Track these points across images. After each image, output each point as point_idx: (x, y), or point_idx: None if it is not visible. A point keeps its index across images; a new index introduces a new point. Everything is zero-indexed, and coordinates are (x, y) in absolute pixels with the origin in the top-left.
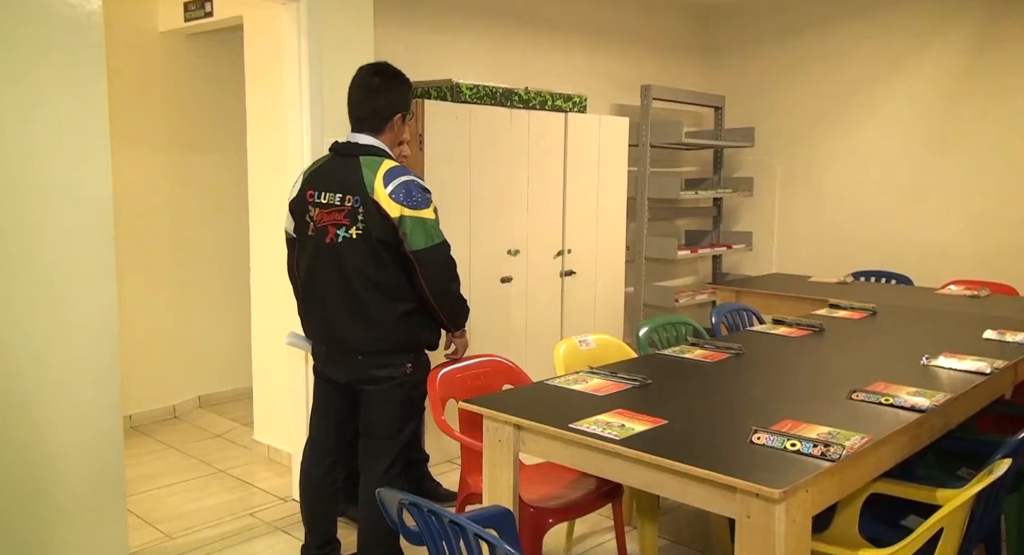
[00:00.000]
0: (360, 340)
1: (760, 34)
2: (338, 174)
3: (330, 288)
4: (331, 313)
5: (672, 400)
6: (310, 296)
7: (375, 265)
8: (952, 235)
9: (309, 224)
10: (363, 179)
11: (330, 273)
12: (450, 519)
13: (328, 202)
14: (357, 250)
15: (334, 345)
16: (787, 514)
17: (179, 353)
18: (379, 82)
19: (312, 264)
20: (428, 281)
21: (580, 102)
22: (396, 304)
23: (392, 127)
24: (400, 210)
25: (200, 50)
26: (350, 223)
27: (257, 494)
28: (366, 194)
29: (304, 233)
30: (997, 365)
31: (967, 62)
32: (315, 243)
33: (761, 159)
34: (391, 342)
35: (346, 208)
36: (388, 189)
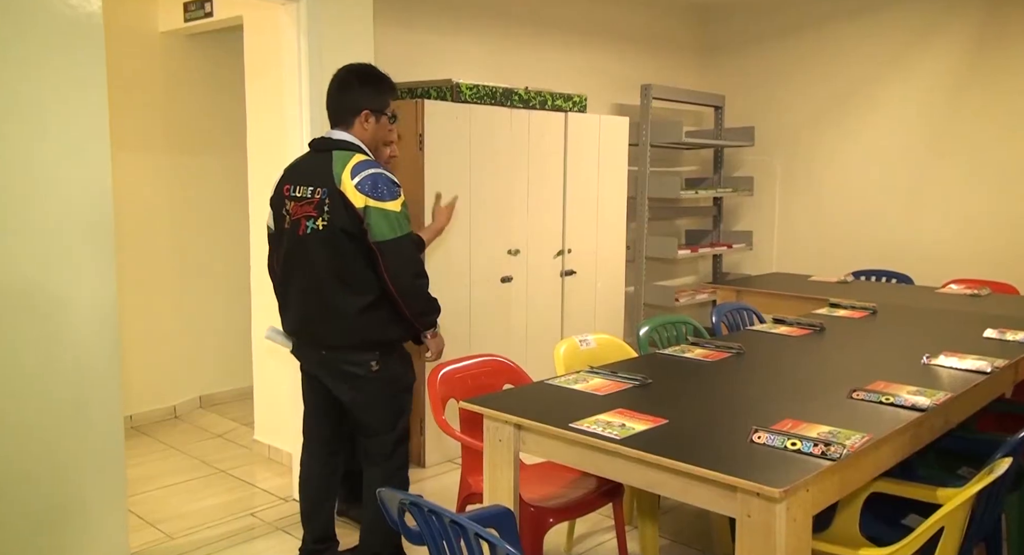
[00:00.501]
0: (324, 333)
1: (760, 33)
2: (311, 168)
3: (300, 280)
4: (300, 305)
5: (673, 400)
6: (285, 289)
7: (338, 256)
8: (953, 234)
9: (285, 217)
10: (332, 171)
11: (300, 265)
12: (451, 519)
13: (301, 195)
14: (322, 241)
15: (304, 338)
16: (788, 513)
17: (180, 353)
18: (347, 79)
19: (287, 257)
20: (391, 273)
21: (580, 102)
22: (358, 297)
23: (361, 123)
24: (365, 201)
25: (200, 50)
26: (317, 214)
27: (258, 494)
28: (333, 185)
29: (281, 227)
30: (997, 364)
31: (967, 61)
32: (289, 236)
33: (761, 158)
34: (355, 337)
35: (315, 200)
36: (355, 180)
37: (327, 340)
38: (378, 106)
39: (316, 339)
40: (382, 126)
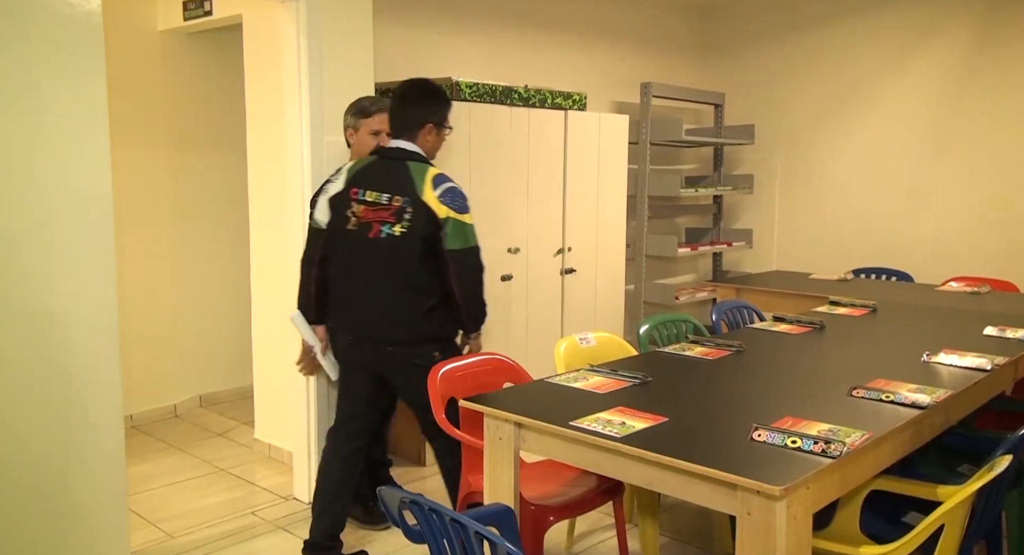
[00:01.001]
0: (390, 331)
1: (760, 32)
2: (385, 175)
3: (367, 280)
4: (365, 304)
5: (673, 398)
6: (345, 287)
7: (414, 261)
8: (952, 232)
9: (350, 219)
10: (413, 182)
11: (369, 266)
12: (451, 517)
13: (374, 200)
14: (399, 246)
15: (363, 335)
16: (788, 511)
17: (180, 352)
18: (411, 93)
19: (350, 257)
20: (457, 279)
21: (580, 100)
22: (425, 299)
23: (424, 135)
24: (447, 212)
25: (199, 49)
26: (395, 221)
27: (258, 493)
28: (416, 195)
29: (342, 227)
30: (998, 361)
31: (967, 60)
32: (356, 237)
33: (761, 156)
34: (421, 333)
35: (393, 207)
36: (437, 192)
37: (395, 337)
38: (439, 119)
39: (381, 336)
40: (440, 138)
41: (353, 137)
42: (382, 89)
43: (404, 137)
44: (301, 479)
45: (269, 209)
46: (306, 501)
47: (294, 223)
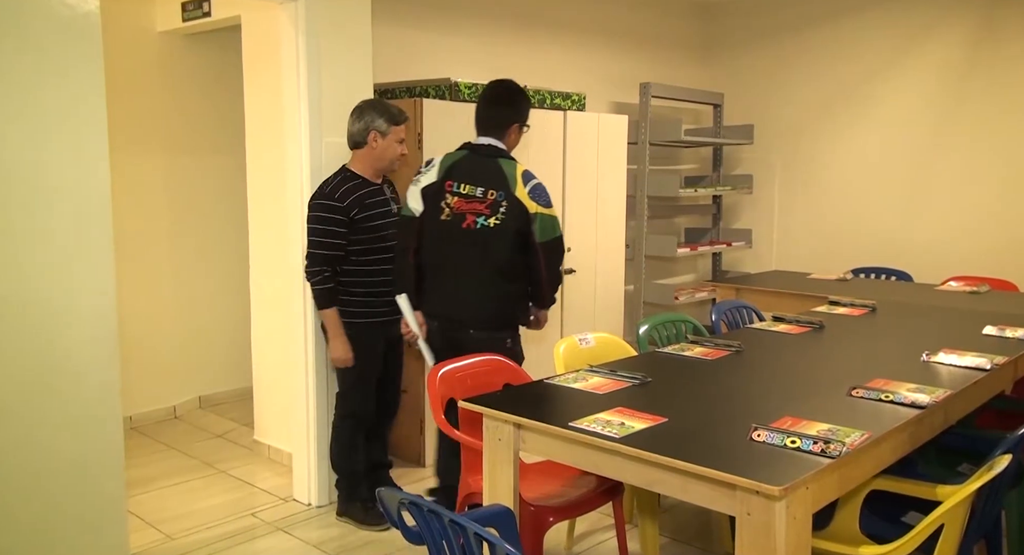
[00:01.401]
0: (474, 315)
1: (758, 31)
2: (480, 170)
3: (459, 269)
4: (456, 291)
5: (672, 398)
6: (439, 273)
7: (506, 250)
8: (952, 231)
9: (444, 209)
10: (506, 178)
11: (463, 254)
12: (450, 518)
13: (468, 193)
14: (493, 236)
15: (453, 320)
16: (787, 511)
17: (179, 354)
18: (502, 94)
19: (444, 245)
20: (546, 266)
21: (579, 100)
22: (511, 284)
23: (511, 134)
24: (536, 207)
25: (198, 50)
26: (490, 213)
27: (258, 494)
28: (509, 191)
29: (436, 217)
30: (997, 361)
31: (966, 59)
32: (449, 227)
33: (760, 156)
34: (500, 319)
35: (488, 200)
36: (527, 188)
37: (478, 320)
38: (523, 119)
39: (465, 320)
40: (522, 135)
41: (378, 140)
42: (381, 90)
43: (492, 135)
44: (301, 480)
45: (268, 210)
46: (306, 502)
47: (293, 224)
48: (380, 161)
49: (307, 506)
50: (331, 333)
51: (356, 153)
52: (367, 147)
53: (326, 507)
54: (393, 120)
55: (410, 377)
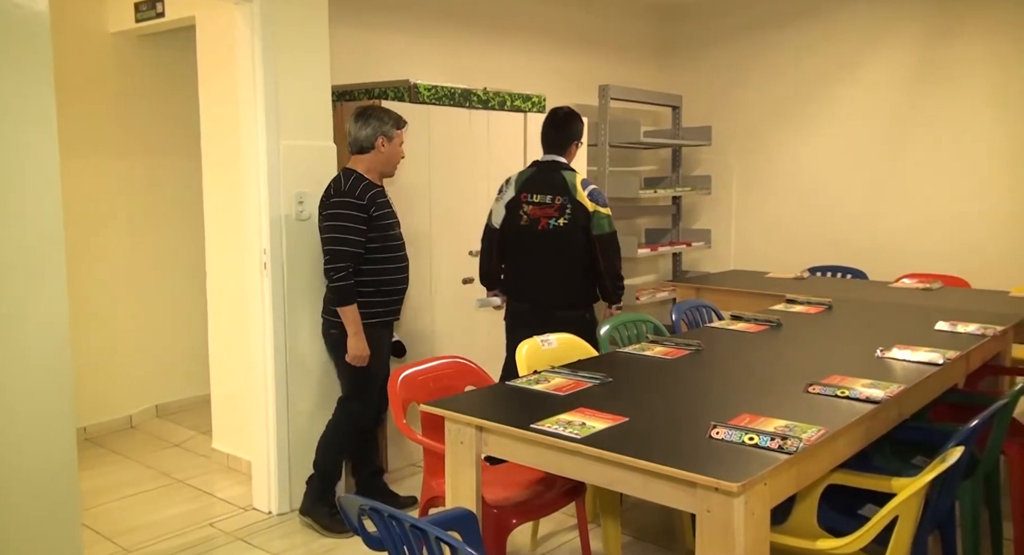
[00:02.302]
0: (557, 297)
1: (716, 34)
2: (547, 182)
3: (539, 261)
4: (537, 279)
5: (633, 397)
6: (521, 267)
7: (571, 245)
8: (905, 230)
9: (523, 216)
10: (567, 186)
11: (541, 250)
12: (411, 523)
13: (540, 201)
14: (563, 234)
15: (539, 303)
16: (746, 507)
17: (135, 362)
18: (565, 119)
19: (527, 245)
20: (603, 257)
21: (539, 102)
22: (578, 273)
23: (571, 150)
24: (594, 207)
25: (152, 51)
26: (559, 215)
27: (217, 504)
28: (572, 196)
29: (517, 223)
30: (949, 356)
31: (918, 61)
32: (529, 229)
33: (718, 157)
34: (576, 298)
35: (556, 205)
36: (585, 192)
37: (558, 302)
38: (580, 137)
39: (549, 302)
40: (578, 149)
41: (385, 145)
42: (339, 91)
43: (556, 152)
44: (260, 489)
45: (225, 214)
46: (266, 511)
47: (251, 229)
48: (386, 164)
49: (267, 515)
50: (351, 330)
51: (360, 157)
52: (374, 151)
53: (287, 515)
54: (397, 125)
55: None
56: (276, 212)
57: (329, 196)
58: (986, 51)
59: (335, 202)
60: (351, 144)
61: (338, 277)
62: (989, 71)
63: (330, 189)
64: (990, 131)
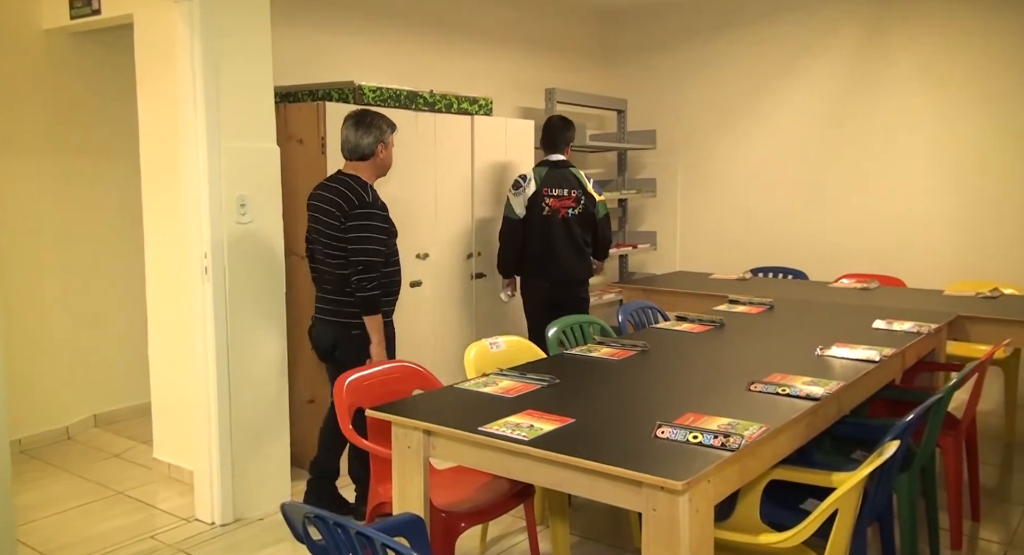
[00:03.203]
0: (577, 272)
1: (658, 40)
2: (561, 178)
3: (559, 245)
4: (557, 259)
5: (580, 399)
6: (546, 250)
7: (583, 228)
8: (844, 232)
9: (544, 208)
10: (580, 181)
11: (562, 235)
12: (357, 530)
13: (559, 195)
14: (578, 221)
15: (561, 280)
16: (690, 504)
17: (72, 370)
18: (560, 123)
19: (548, 232)
20: (602, 232)
21: (486, 105)
22: (587, 250)
23: (568, 150)
24: (598, 197)
25: (88, 49)
26: (575, 206)
27: (159, 515)
28: (584, 189)
29: (539, 214)
30: (886, 353)
31: (852, 69)
32: (550, 219)
33: (663, 161)
34: (585, 274)
35: (572, 197)
36: (590, 184)
37: (575, 277)
38: (573, 139)
39: (572, 277)
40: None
41: (384, 151)
42: (282, 92)
43: (559, 152)
44: (203, 499)
45: (165, 218)
46: (209, 521)
47: (191, 233)
48: (382, 169)
49: (210, 525)
50: (375, 339)
51: (362, 164)
52: (375, 157)
53: (230, 525)
54: (392, 130)
55: (316, 387)
56: (217, 216)
57: (354, 206)
58: (916, 58)
59: (365, 213)
60: (351, 150)
61: (371, 286)
62: (920, 77)
63: (351, 198)
64: (922, 135)
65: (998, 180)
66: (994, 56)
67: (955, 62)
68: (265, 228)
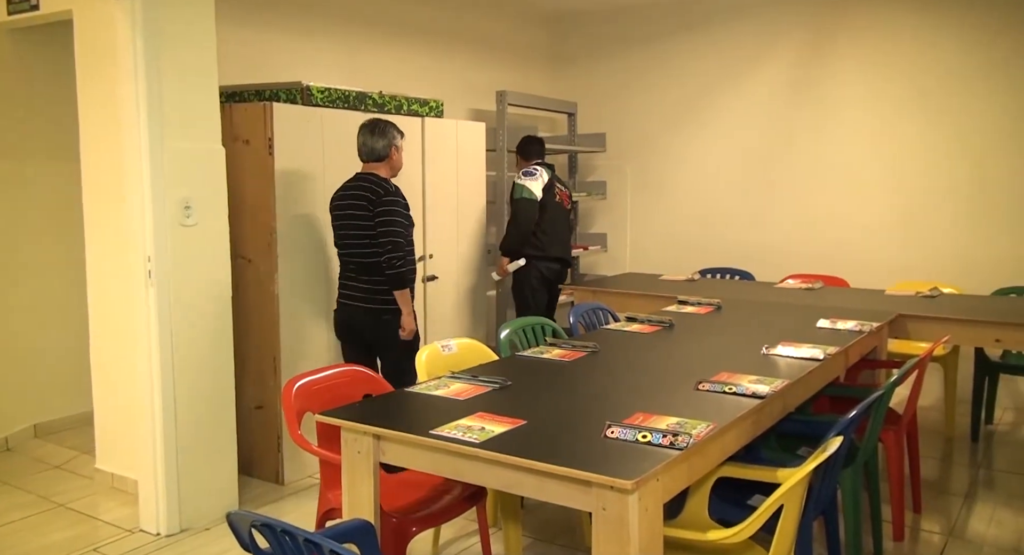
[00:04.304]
0: (568, 253)
1: (608, 44)
2: (556, 176)
3: (567, 228)
4: (567, 241)
5: (531, 400)
6: (556, 233)
7: (572, 214)
8: (789, 233)
9: (556, 195)
10: (563, 179)
11: (565, 221)
12: (305, 538)
13: (560, 188)
14: (571, 210)
15: (565, 257)
16: (640, 503)
17: (9, 379)
18: (538, 138)
19: (559, 216)
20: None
21: (437, 107)
22: None
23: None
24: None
25: (26, 46)
26: (570, 196)
27: (102, 527)
28: (567, 184)
29: (552, 201)
30: (830, 351)
31: (798, 73)
32: (560, 205)
33: (613, 164)
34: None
35: (567, 192)
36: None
37: (568, 258)
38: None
39: (566, 258)
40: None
41: (395, 154)
42: (228, 92)
43: (541, 159)
44: (148, 509)
45: (107, 221)
46: (154, 532)
47: (135, 236)
48: (395, 169)
49: (155, 536)
50: (406, 310)
51: (377, 164)
52: (389, 159)
53: (176, 536)
54: (401, 136)
55: (266, 392)
56: (161, 218)
57: (380, 196)
58: (859, 64)
59: (390, 200)
60: (368, 153)
61: (400, 263)
62: (862, 82)
63: (377, 190)
64: (864, 139)
65: (937, 182)
66: (934, 61)
67: (896, 68)
68: (211, 230)
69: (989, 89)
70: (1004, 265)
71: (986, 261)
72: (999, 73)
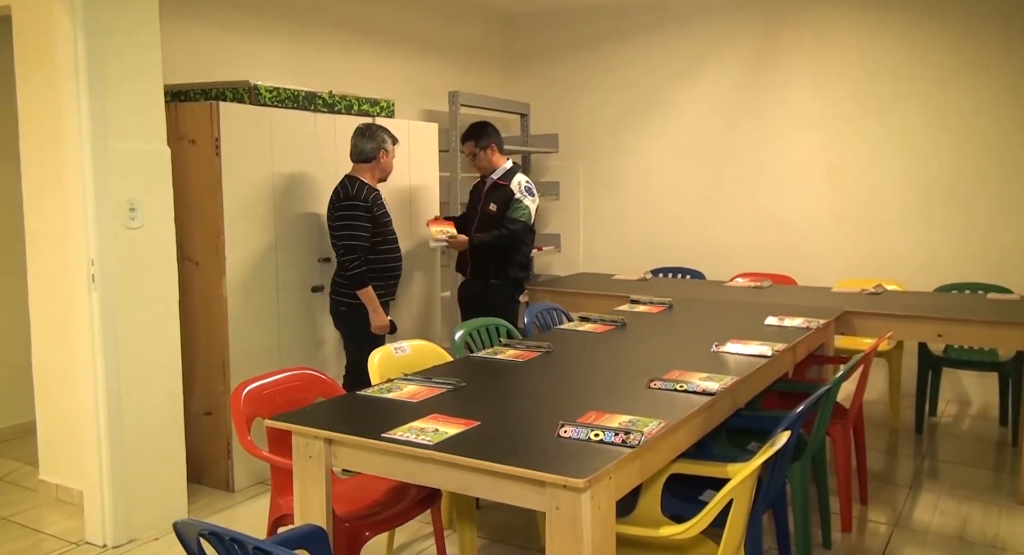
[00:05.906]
0: None
1: (559, 44)
2: None
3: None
4: None
5: (485, 401)
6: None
7: None
8: (738, 233)
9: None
10: None
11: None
12: (254, 546)
13: None
14: None
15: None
16: (592, 501)
17: None
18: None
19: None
20: None
21: (388, 107)
22: None
23: None
24: None
25: None
26: None
27: (46, 541)
28: None
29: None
30: (777, 348)
31: (745, 76)
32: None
33: (566, 164)
34: None
35: None
36: None
37: None
38: None
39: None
40: None
41: (384, 157)
42: (173, 91)
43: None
44: (94, 520)
45: (48, 223)
46: (100, 544)
47: (77, 239)
48: (384, 172)
49: (102, 547)
50: (371, 308)
51: (362, 165)
52: (375, 161)
53: (123, 547)
54: (394, 141)
55: (215, 397)
56: (105, 220)
57: (339, 199)
58: (805, 65)
59: (345, 204)
60: (356, 154)
61: (352, 266)
62: (809, 83)
63: (339, 193)
64: (809, 139)
65: (881, 181)
66: (877, 62)
67: (841, 69)
68: (156, 233)
69: (931, 89)
70: (946, 262)
71: (929, 258)
72: (940, 73)
